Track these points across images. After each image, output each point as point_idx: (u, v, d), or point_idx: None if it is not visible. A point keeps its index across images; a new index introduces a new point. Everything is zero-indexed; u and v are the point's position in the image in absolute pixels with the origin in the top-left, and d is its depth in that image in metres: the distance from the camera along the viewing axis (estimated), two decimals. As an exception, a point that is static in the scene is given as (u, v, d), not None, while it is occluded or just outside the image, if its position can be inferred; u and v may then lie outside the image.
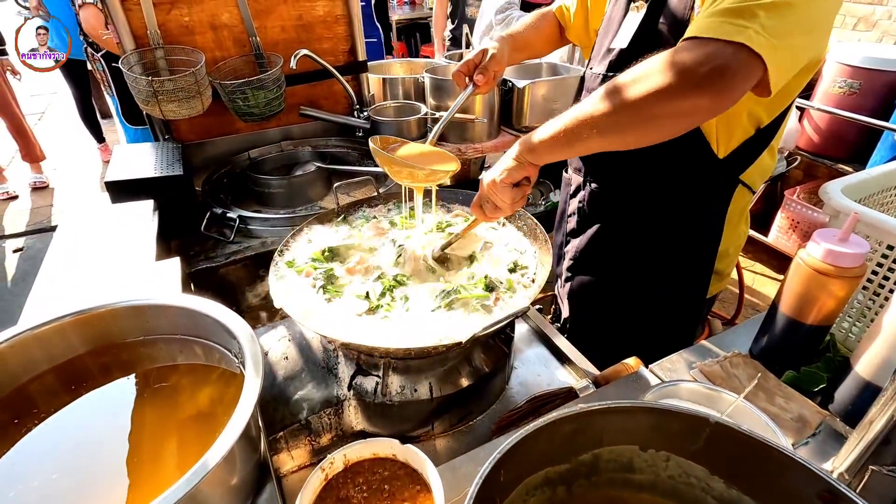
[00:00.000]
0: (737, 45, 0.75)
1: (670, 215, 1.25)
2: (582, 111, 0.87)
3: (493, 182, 0.99)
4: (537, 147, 0.94)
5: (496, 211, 1.03)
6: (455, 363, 1.09)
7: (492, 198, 1.01)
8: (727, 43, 0.75)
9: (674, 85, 0.77)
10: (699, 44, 0.77)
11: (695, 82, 0.76)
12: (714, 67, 0.75)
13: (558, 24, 1.52)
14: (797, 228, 3.02)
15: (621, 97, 0.82)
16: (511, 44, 1.39)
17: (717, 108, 0.80)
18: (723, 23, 0.76)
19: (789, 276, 0.97)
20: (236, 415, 0.60)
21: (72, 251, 1.27)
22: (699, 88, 0.76)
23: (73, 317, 0.70)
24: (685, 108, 0.79)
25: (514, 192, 0.99)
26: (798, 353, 1.01)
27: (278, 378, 1.10)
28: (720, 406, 0.87)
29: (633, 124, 0.83)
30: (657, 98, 0.79)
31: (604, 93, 0.84)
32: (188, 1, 1.84)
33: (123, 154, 1.70)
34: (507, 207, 1.01)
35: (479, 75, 1.28)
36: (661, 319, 1.40)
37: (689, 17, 1.03)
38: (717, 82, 0.76)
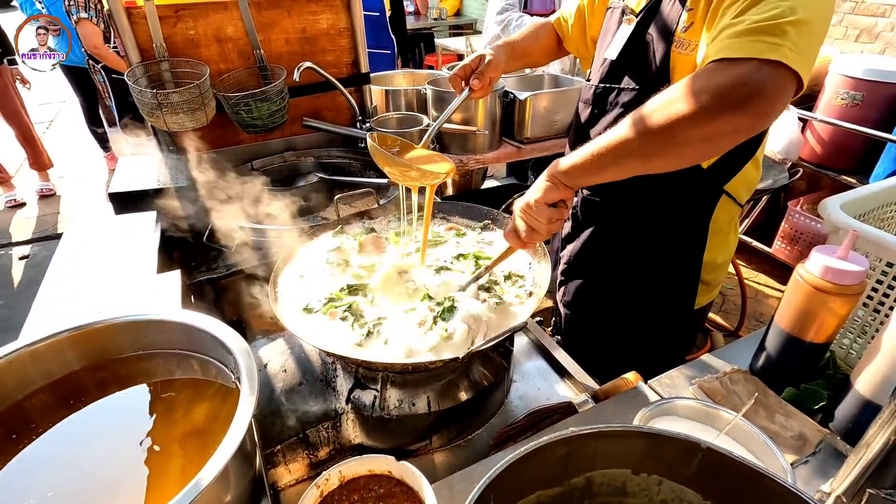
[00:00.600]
0: (773, 63, 0.75)
1: (656, 222, 1.28)
2: (618, 135, 0.86)
3: (528, 205, 0.98)
4: (570, 170, 0.94)
5: (533, 234, 0.99)
6: (454, 377, 1.09)
7: (528, 221, 0.99)
8: (762, 62, 0.75)
9: (713, 107, 0.76)
10: (732, 64, 0.77)
11: (734, 103, 0.76)
12: (754, 88, 0.75)
13: (556, 35, 1.55)
14: (800, 239, 3.00)
15: (658, 122, 0.81)
16: (508, 51, 1.40)
17: (758, 126, 0.79)
18: (754, 41, 0.76)
19: (788, 293, 0.96)
20: (230, 432, 0.60)
21: (75, 262, 1.29)
22: (739, 109, 0.76)
23: (69, 333, 0.70)
24: (726, 129, 0.78)
25: (550, 212, 0.96)
26: (798, 369, 1.00)
27: (276, 391, 1.10)
28: (718, 424, 0.86)
29: (672, 148, 0.83)
30: (697, 121, 0.78)
31: (640, 117, 0.84)
32: (194, 14, 1.86)
33: (128, 165, 1.71)
34: (544, 228, 0.98)
35: (475, 80, 1.29)
36: (652, 325, 1.43)
37: (674, 30, 1.05)
38: (758, 102, 0.76)
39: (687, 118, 0.78)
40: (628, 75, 1.19)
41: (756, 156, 1.20)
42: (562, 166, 0.96)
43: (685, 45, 1.04)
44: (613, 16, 1.26)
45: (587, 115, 1.31)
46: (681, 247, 1.30)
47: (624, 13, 1.21)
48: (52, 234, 4.44)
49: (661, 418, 0.89)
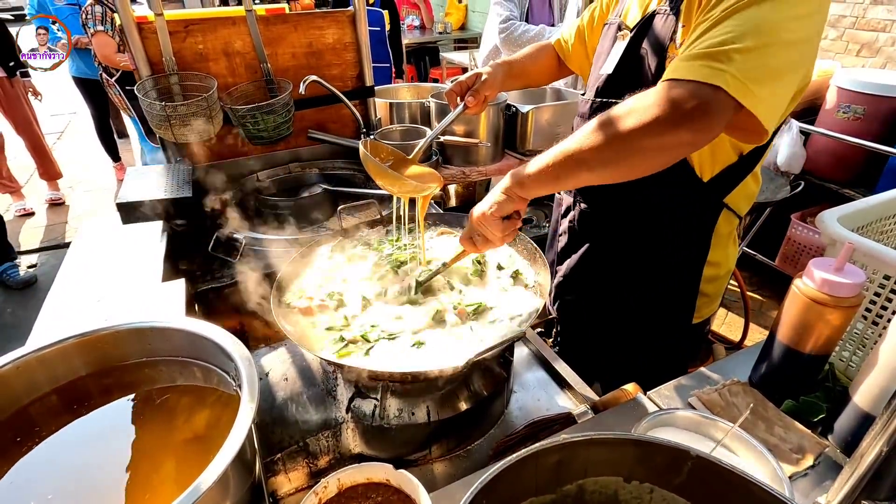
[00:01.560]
0: (712, 87, 0.79)
1: (656, 236, 1.29)
2: (569, 146, 0.90)
3: (483, 215, 1.01)
4: (526, 181, 0.96)
5: (487, 244, 1.05)
6: (453, 387, 1.09)
7: (482, 231, 1.03)
8: (702, 84, 0.80)
9: (657, 120, 0.81)
10: (678, 84, 0.82)
11: (677, 118, 0.80)
12: (695, 105, 0.79)
13: (556, 56, 1.58)
14: (804, 252, 3.00)
15: (606, 133, 0.85)
16: (506, 70, 1.44)
17: (697, 142, 0.85)
18: (701, 66, 0.81)
19: (786, 305, 0.97)
20: (230, 439, 0.61)
21: (83, 270, 1.31)
22: (681, 124, 0.81)
23: (76, 339, 0.72)
24: (668, 142, 0.83)
25: (504, 225, 1.01)
26: (797, 381, 1.00)
27: (278, 399, 1.11)
28: (716, 435, 0.87)
29: (618, 158, 0.87)
30: (642, 133, 0.83)
31: (590, 129, 0.88)
32: (203, 29, 1.91)
33: (136, 175, 1.74)
34: (498, 240, 1.03)
35: (470, 97, 1.33)
36: (651, 340, 1.43)
37: (668, 45, 1.08)
38: (698, 119, 0.80)
39: (636, 130, 0.83)
40: (623, 89, 1.21)
41: (755, 170, 1.21)
42: (516, 179, 0.98)
43: None
44: (609, 31, 1.29)
45: None
46: (681, 261, 1.31)
47: (619, 29, 1.23)
48: (60, 242, 4.50)
49: (659, 429, 0.89)
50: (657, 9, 1.12)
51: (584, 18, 1.49)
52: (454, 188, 3.17)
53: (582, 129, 0.90)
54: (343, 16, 2.15)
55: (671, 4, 1.07)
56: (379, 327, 1.10)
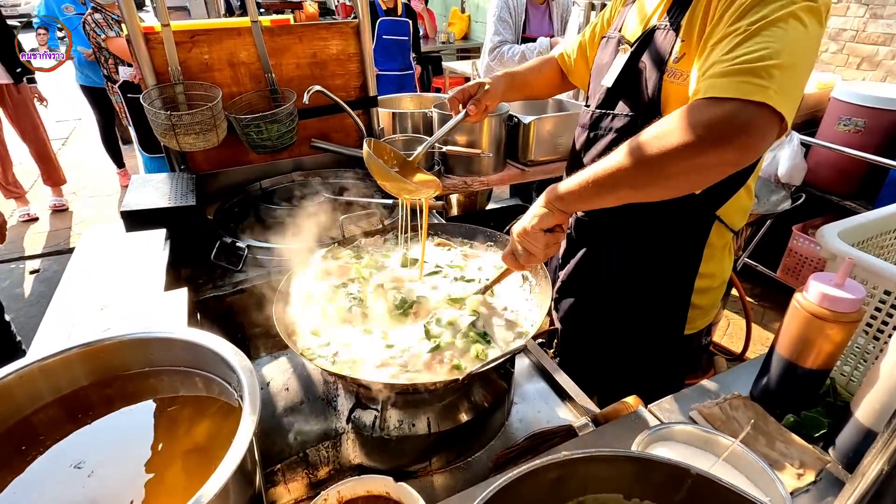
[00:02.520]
0: (757, 103, 0.78)
1: (648, 245, 1.30)
2: (613, 164, 0.90)
3: (525, 230, 1.01)
4: (565, 196, 0.97)
5: (530, 258, 1.03)
6: (454, 398, 1.09)
7: (525, 245, 1.02)
8: (747, 101, 0.78)
9: (700, 141, 0.80)
10: (719, 102, 0.80)
11: (722, 139, 0.79)
12: (739, 125, 0.78)
13: (560, 70, 1.60)
14: (805, 264, 3.00)
15: (650, 153, 0.85)
16: (508, 81, 1.46)
17: (743, 161, 0.83)
18: (742, 83, 0.79)
19: (787, 319, 0.97)
20: (231, 451, 0.61)
21: (85, 278, 1.31)
22: (726, 144, 0.79)
23: (79, 349, 0.72)
24: (713, 162, 0.82)
25: (547, 238, 1.00)
26: (798, 396, 1.00)
27: (278, 409, 1.11)
28: (717, 450, 0.86)
29: (662, 179, 0.86)
30: (686, 154, 0.81)
31: (633, 148, 0.87)
32: (209, 40, 1.93)
33: (140, 184, 1.76)
34: (541, 253, 1.01)
35: (472, 106, 1.35)
36: (644, 348, 1.43)
37: (667, 60, 1.09)
38: (743, 139, 0.79)
39: (677, 151, 0.82)
40: (623, 102, 1.22)
41: (748, 183, 1.21)
42: (558, 192, 0.98)
43: (677, 76, 1.07)
44: (609, 45, 1.30)
45: (584, 139, 1.35)
46: (671, 271, 1.32)
47: (620, 43, 1.25)
48: (63, 248, 4.51)
49: (659, 443, 0.89)
50: (657, 24, 1.13)
51: (585, 34, 1.51)
52: (456, 197, 3.18)
53: (619, 150, 0.89)
54: (347, 27, 2.18)
55: (671, 20, 1.08)
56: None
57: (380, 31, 4.63)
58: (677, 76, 1.07)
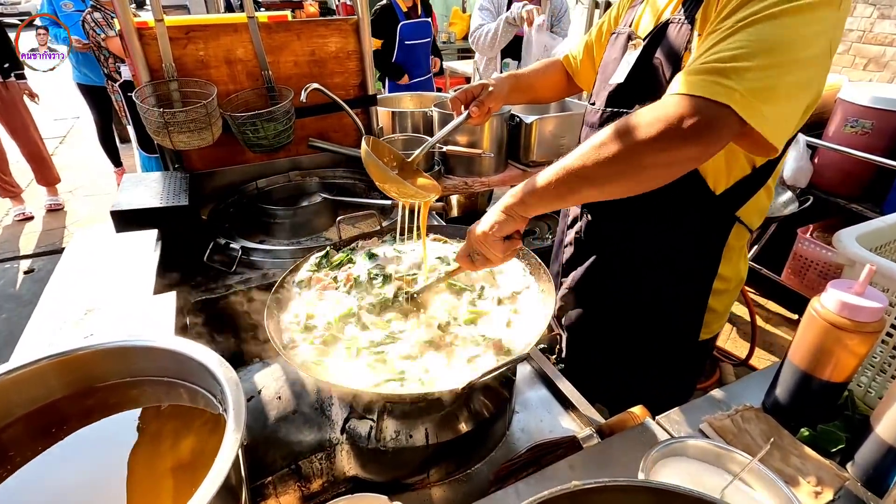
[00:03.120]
0: (721, 104, 0.77)
1: (665, 249, 1.26)
2: (571, 163, 0.88)
3: (484, 234, 0.98)
4: (527, 199, 0.94)
5: (486, 263, 1.03)
6: (453, 408, 1.05)
7: (482, 250, 1.01)
8: (711, 101, 0.78)
9: (663, 136, 0.79)
10: (685, 99, 0.80)
11: (683, 134, 0.79)
12: (701, 121, 0.78)
13: (565, 72, 1.56)
14: (810, 267, 2.95)
15: (610, 148, 0.83)
16: (512, 83, 1.42)
17: (702, 157, 0.84)
18: (711, 83, 0.79)
19: (802, 328, 0.92)
20: (213, 470, 0.57)
21: (73, 281, 1.27)
22: (687, 140, 0.79)
23: (52, 359, 0.67)
24: (674, 157, 0.81)
25: (505, 245, 0.99)
26: (814, 409, 0.95)
27: (270, 419, 1.06)
28: (731, 466, 0.82)
29: (623, 174, 0.85)
30: (647, 148, 0.81)
31: (592, 144, 0.86)
32: (204, 36, 1.88)
33: (132, 183, 1.71)
34: (498, 260, 1.01)
35: (475, 107, 1.32)
36: (656, 355, 1.39)
37: (683, 54, 1.05)
38: (705, 134, 0.79)
39: (641, 145, 0.81)
40: (635, 99, 1.18)
41: (768, 183, 1.18)
42: (517, 198, 0.95)
43: None
44: (618, 41, 1.27)
45: None
46: (690, 275, 1.27)
47: (630, 38, 1.21)
48: (57, 248, 4.47)
49: (670, 459, 0.85)
50: (671, 18, 1.09)
51: (591, 34, 1.47)
52: (456, 198, 3.14)
53: (584, 145, 0.88)
54: (346, 24, 2.13)
55: (686, 13, 1.04)
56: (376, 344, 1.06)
57: (402, 36, 4.16)
58: None
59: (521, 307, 1.17)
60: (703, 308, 1.30)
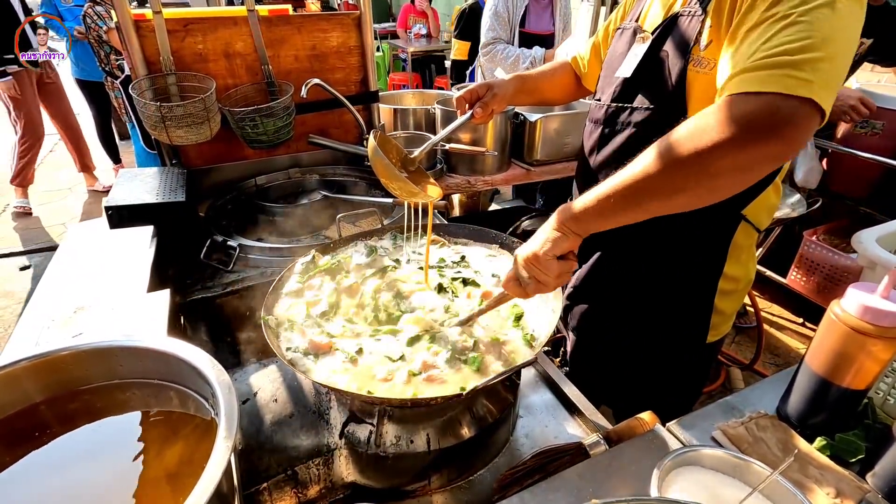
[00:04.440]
0: (801, 98, 0.71)
1: (670, 246, 1.23)
2: (632, 176, 0.81)
3: (536, 256, 0.90)
4: (582, 216, 0.87)
5: (539, 288, 0.92)
6: (456, 413, 1.01)
7: (534, 274, 0.91)
8: (789, 95, 0.72)
9: (743, 136, 0.73)
10: (755, 97, 0.74)
11: (766, 131, 0.72)
12: (783, 117, 0.72)
13: (574, 74, 1.53)
14: (817, 270, 2.91)
15: (684, 154, 0.76)
16: (518, 85, 1.41)
17: (787, 155, 0.77)
18: (784, 76, 0.73)
19: (821, 332, 0.89)
20: (204, 478, 0.53)
21: (65, 278, 1.23)
22: (770, 137, 0.73)
23: (28, 361, 0.63)
24: (760, 156, 0.74)
25: (560, 266, 0.90)
26: (832, 417, 0.91)
27: (266, 423, 1.03)
28: (748, 477, 0.78)
29: (697, 183, 0.78)
30: (721, 153, 0.74)
31: (660, 152, 0.79)
32: (203, 29, 1.85)
33: (127, 178, 1.68)
34: (553, 283, 0.91)
35: (479, 108, 1.31)
36: (663, 356, 1.36)
37: (692, 47, 1.02)
38: (790, 130, 0.72)
39: (716, 148, 0.74)
40: (642, 94, 1.15)
41: (776, 181, 1.15)
42: (573, 212, 0.88)
43: (704, 64, 1.00)
44: (624, 36, 1.24)
45: (597, 136, 1.27)
46: (695, 274, 1.24)
47: (636, 32, 1.18)
48: (53, 244, 4.43)
49: (684, 469, 0.81)
50: (681, 10, 1.05)
51: (598, 34, 1.44)
52: (458, 198, 3.10)
53: (645, 155, 0.81)
54: (348, 19, 2.10)
55: (701, 4, 1.01)
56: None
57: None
58: (704, 65, 0.99)
59: (527, 308, 1.13)
60: (710, 308, 1.27)
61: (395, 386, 0.92)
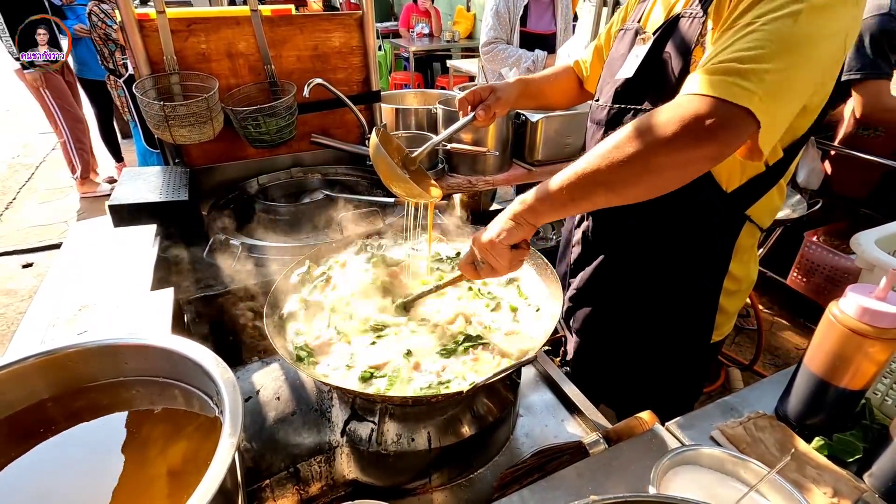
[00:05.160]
0: (740, 106, 0.76)
1: (674, 248, 1.24)
2: (584, 167, 0.86)
3: (492, 243, 0.95)
4: (538, 206, 0.92)
5: (491, 272, 0.99)
6: (456, 411, 1.02)
7: (488, 259, 0.98)
8: (731, 103, 0.77)
9: (678, 136, 0.78)
10: (702, 99, 0.79)
11: (699, 135, 0.78)
12: (718, 122, 0.77)
13: (577, 78, 1.54)
14: (817, 271, 2.91)
15: (624, 151, 0.82)
16: (521, 88, 1.41)
17: (719, 158, 0.83)
18: (730, 84, 0.77)
19: (819, 333, 0.89)
20: (208, 476, 0.54)
21: (69, 276, 1.24)
22: (702, 141, 0.78)
23: (37, 358, 0.64)
24: (689, 158, 0.81)
25: (512, 255, 0.96)
26: (830, 417, 0.92)
27: (268, 420, 1.04)
28: (746, 476, 0.79)
29: (639, 177, 0.83)
30: (662, 149, 0.80)
31: (605, 148, 0.84)
32: (206, 29, 1.85)
33: (131, 177, 1.68)
34: (505, 269, 0.98)
35: (481, 110, 1.31)
36: (666, 357, 1.37)
37: (693, 48, 1.03)
38: (721, 136, 0.78)
39: (660, 145, 0.79)
40: (643, 94, 1.16)
41: (780, 183, 1.16)
42: (527, 205, 0.93)
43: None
44: (625, 37, 1.25)
45: (599, 137, 1.28)
46: (700, 275, 1.24)
47: (637, 33, 1.19)
48: (56, 243, 4.44)
49: (682, 468, 0.82)
50: (682, 12, 1.06)
51: (600, 37, 1.45)
52: (459, 197, 3.10)
53: (597, 148, 0.86)
54: (350, 19, 2.10)
55: (702, 5, 1.01)
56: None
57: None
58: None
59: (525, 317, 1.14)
60: (714, 308, 1.27)
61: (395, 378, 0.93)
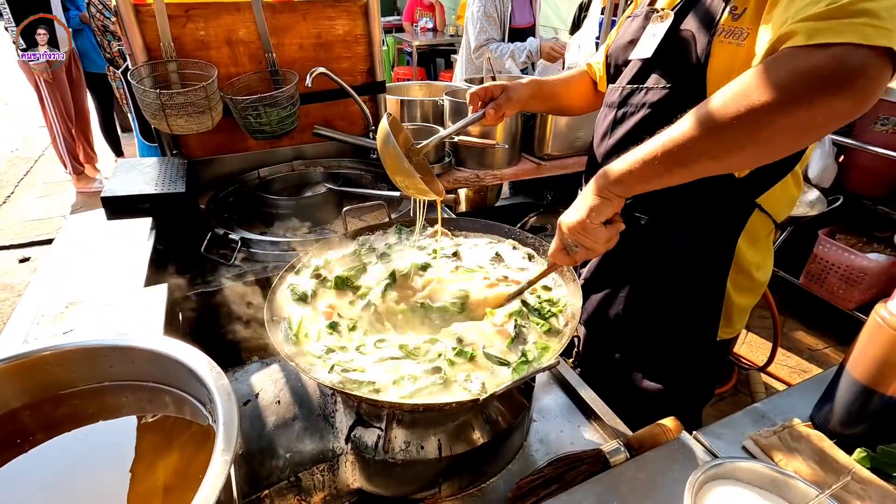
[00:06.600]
0: (874, 48, 0.65)
1: (679, 235, 1.19)
2: (681, 134, 0.78)
3: (582, 224, 0.90)
4: (626, 178, 0.85)
5: (588, 253, 0.94)
6: (468, 417, 0.96)
7: (580, 241, 0.92)
8: (859, 46, 0.65)
9: (808, 92, 0.68)
10: (821, 48, 0.68)
11: (833, 87, 0.67)
12: (853, 69, 0.66)
13: (591, 80, 1.49)
14: (831, 270, 2.84)
15: (737, 114, 0.72)
16: (534, 90, 1.36)
17: (857, 112, 0.70)
18: (862, 26, 0.66)
19: (864, 337, 0.83)
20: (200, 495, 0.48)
21: (61, 271, 1.18)
22: (839, 93, 0.67)
23: (7, 363, 0.58)
24: (824, 115, 0.69)
25: (608, 231, 0.91)
26: (874, 427, 0.86)
27: (268, 426, 0.97)
28: (792, 497, 0.72)
29: (758, 142, 0.74)
30: (788, 109, 0.69)
31: (710, 111, 0.75)
32: (205, 15, 1.79)
33: (126, 168, 1.62)
34: (602, 248, 0.92)
35: (492, 109, 1.27)
36: (675, 351, 1.31)
37: (719, 20, 0.97)
38: (863, 84, 0.67)
39: (775, 106, 0.69)
40: (659, 74, 1.10)
41: (795, 170, 1.10)
42: (614, 176, 0.86)
43: (737, 35, 0.94)
44: (634, 23, 1.20)
45: (611, 119, 1.23)
46: (704, 265, 1.19)
47: (649, 16, 1.13)
48: (53, 237, 4.38)
49: (717, 483, 0.75)
50: None
51: (611, 37, 1.39)
52: (465, 193, 3.04)
53: (692, 114, 0.77)
54: (355, 6, 2.04)
55: None
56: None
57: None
58: (736, 35, 0.93)
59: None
60: (721, 298, 1.22)
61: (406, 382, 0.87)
